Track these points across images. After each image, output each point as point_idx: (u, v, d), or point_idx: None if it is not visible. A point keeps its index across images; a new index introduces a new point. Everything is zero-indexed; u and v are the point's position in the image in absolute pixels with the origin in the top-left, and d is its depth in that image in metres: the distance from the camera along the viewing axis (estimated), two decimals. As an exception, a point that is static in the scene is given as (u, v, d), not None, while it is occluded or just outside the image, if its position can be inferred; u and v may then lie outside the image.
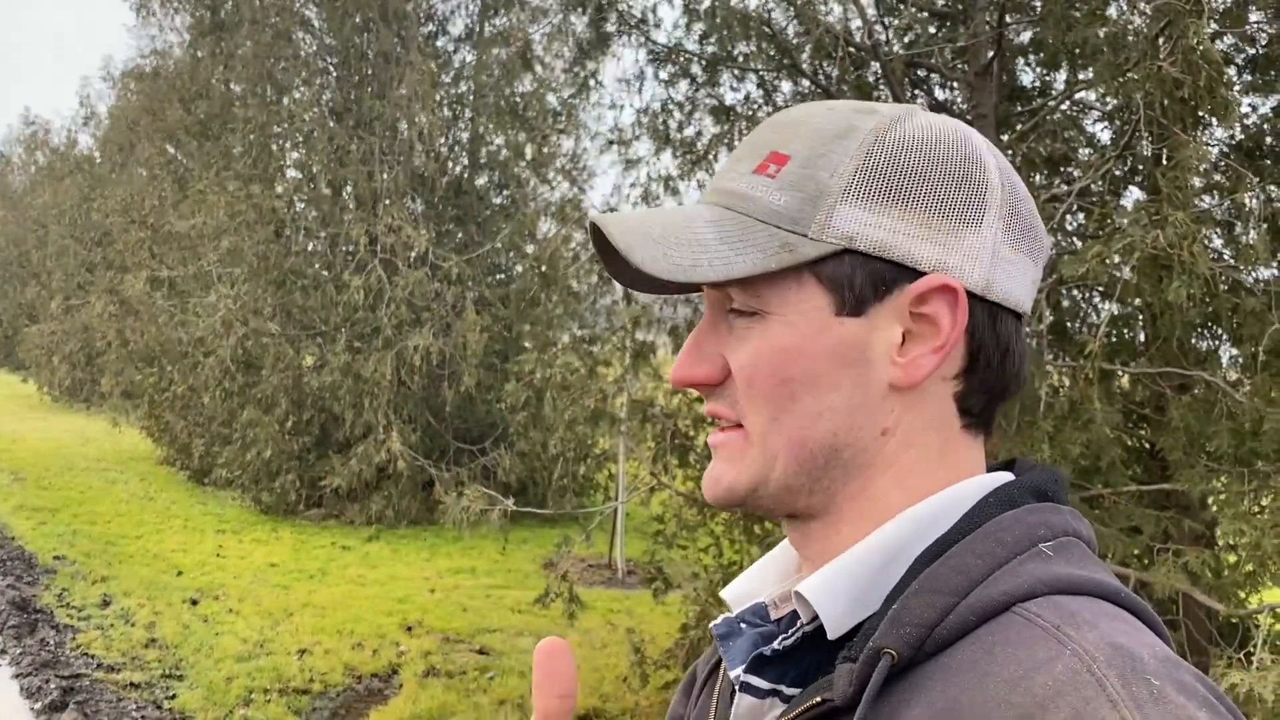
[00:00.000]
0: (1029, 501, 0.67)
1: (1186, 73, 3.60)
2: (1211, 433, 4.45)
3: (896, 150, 0.68)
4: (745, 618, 0.76)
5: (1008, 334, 0.70)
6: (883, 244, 0.67)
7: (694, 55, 5.98)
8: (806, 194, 0.68)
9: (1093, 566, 0.64)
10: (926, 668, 0.60)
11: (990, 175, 0.69)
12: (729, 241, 0.69)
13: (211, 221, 12.05)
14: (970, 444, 0.72)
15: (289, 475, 11.68)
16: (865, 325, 0.68)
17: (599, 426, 6.02)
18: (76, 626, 7.36)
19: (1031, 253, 0.71)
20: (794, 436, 0.70)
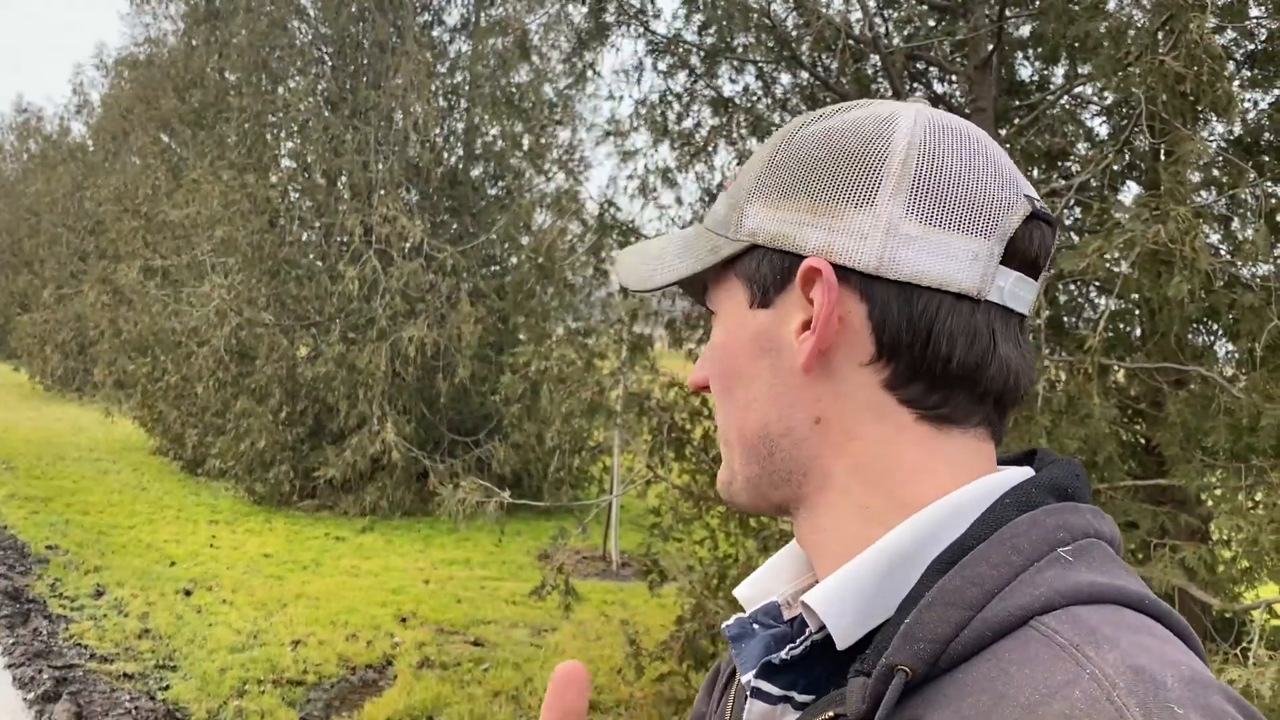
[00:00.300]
0: (1047, 501, 0.65)
1: (1188, 66, 3.59)
2: (1208, 428, 4.46)
3: (798, 145, 0.71)
4: (758, 618, 0.75)
5: (928, 315, 0.65)
6: (776, 235, 0.70)
7: (693, 46, 5.95)
8: (733, 199, 0.74)
9: (1115, 571, 0.62)
10: (941, 683, 0.58)
11: (893, 153, 0.67)
12: (680, 253, 0.78)
13: (205, 211, 12.01)
14: (940, 437, 0.68)
15: (283, 466, 11.65)
16: (775, 315, 0.70)
17: (595, 419, 6.00)
18: (69, 617, 7.34)
19: (958, 225, 0.65)
20: (737, 429, 0.74)
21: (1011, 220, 0.66)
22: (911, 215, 0.65)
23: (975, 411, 0.68)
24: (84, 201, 21.58)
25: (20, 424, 17.97)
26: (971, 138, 0.68)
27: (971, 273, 0.65)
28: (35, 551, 9.12)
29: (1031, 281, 0.69)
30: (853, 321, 0.67)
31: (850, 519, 0.69)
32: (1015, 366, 0.67)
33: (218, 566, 8.91)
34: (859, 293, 0.66)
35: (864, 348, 0.67)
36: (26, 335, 24.46)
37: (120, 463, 14.44)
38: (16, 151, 38.68)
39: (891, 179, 0.66)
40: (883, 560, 0.65)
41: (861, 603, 0.64)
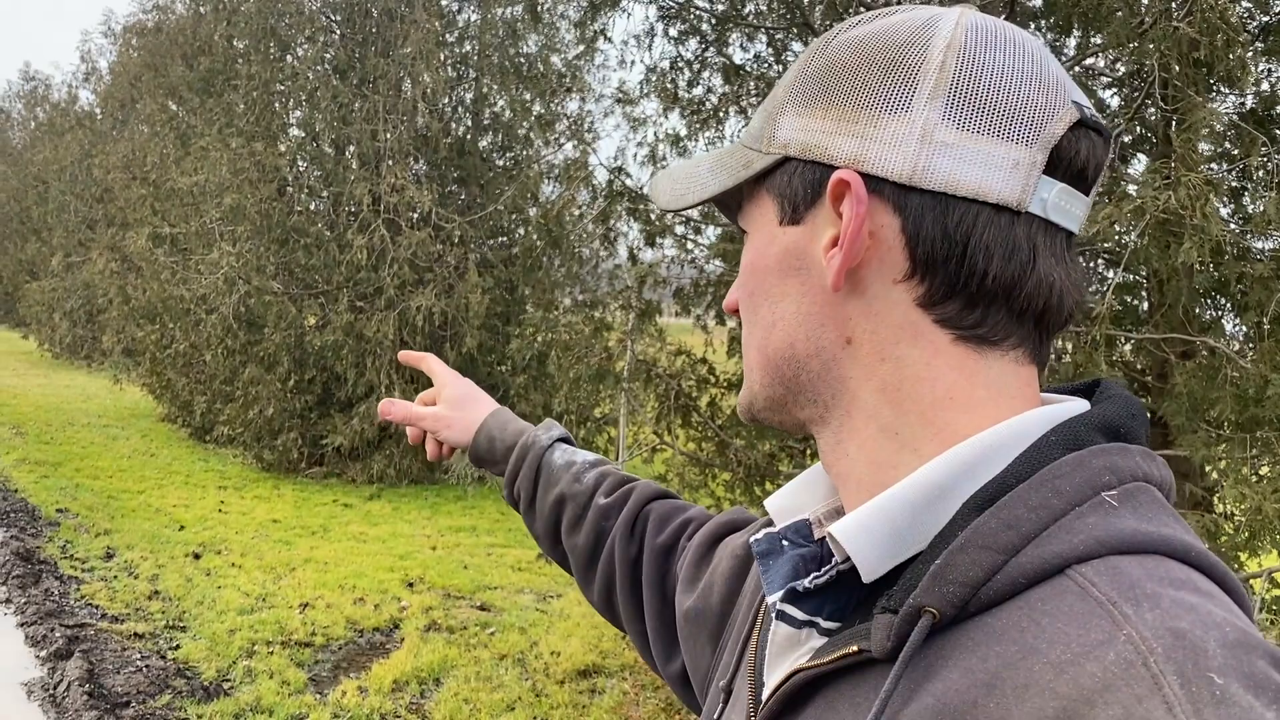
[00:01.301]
0: (1096, 440, 0.61)
1: (1203, 34, 3.58)
2: (1214, 399, 4.46)
3: (833, 51, 0.68)
4: (787, 535, 0.73)
5: (964, 226, 0.62)
6: (807, 146, 0.67)
7: (704, 12, 5.93)
8: (767, 112, 0.71)
9: (1163, 518, 0.58)
10: (968, 627, 0.56)
11: (930, 56, 0.63)
12: (713, 169, 0.75)
13: (214, 178, 12.00)
14: (978, 359, 0.64)
15: (291, 434, 11.71)
16: (806, 232, 0.68)
17: (603, 385, 6.02)
18: (80, 578, 7.41)
19: (1003, 133, 0.62)
20: (759, 348, 0.72)
21: (1056, 127, 0.62)
22: (948, 121, 0.62)
23: (1014, 331, 0.64)
24: (92, 169, 21.58)
25: (30, 391, 18.06)
26: (1016, 41, 0.65)
27: (1011, 182, 0.62)
28: (46, 514, 9.19)
29: (1080, 195, 0.65)
30: (885, 235, 0.64)
31: (880, 444, 0.66)
32: (1059, 285, 0.64)
33: (226, 531, 8.98)
34: (892, 204, 0.63)
35: (897, 263, 0.64)
36: (35, 303, 24.56)
37: (129, 429, 14.52)
38: (24, 119, 38.67)
39: (928, 84, 0.63)
40: (916, 493, 0.62)
41: (891, 537, 0.62)
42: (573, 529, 1.17)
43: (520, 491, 1.24)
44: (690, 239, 6.24)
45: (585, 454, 1.24)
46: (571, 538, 1.18)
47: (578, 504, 1.17)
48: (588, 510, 1.16)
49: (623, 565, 1.11)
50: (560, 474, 1.20)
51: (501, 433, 1.27)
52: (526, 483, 1.23)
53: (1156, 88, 3.93)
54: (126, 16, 31.70)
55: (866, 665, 0.61)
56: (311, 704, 5.47)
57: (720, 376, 6.10)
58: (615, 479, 1.19)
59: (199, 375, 13.05)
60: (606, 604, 1.15)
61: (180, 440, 13.87)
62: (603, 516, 1.15)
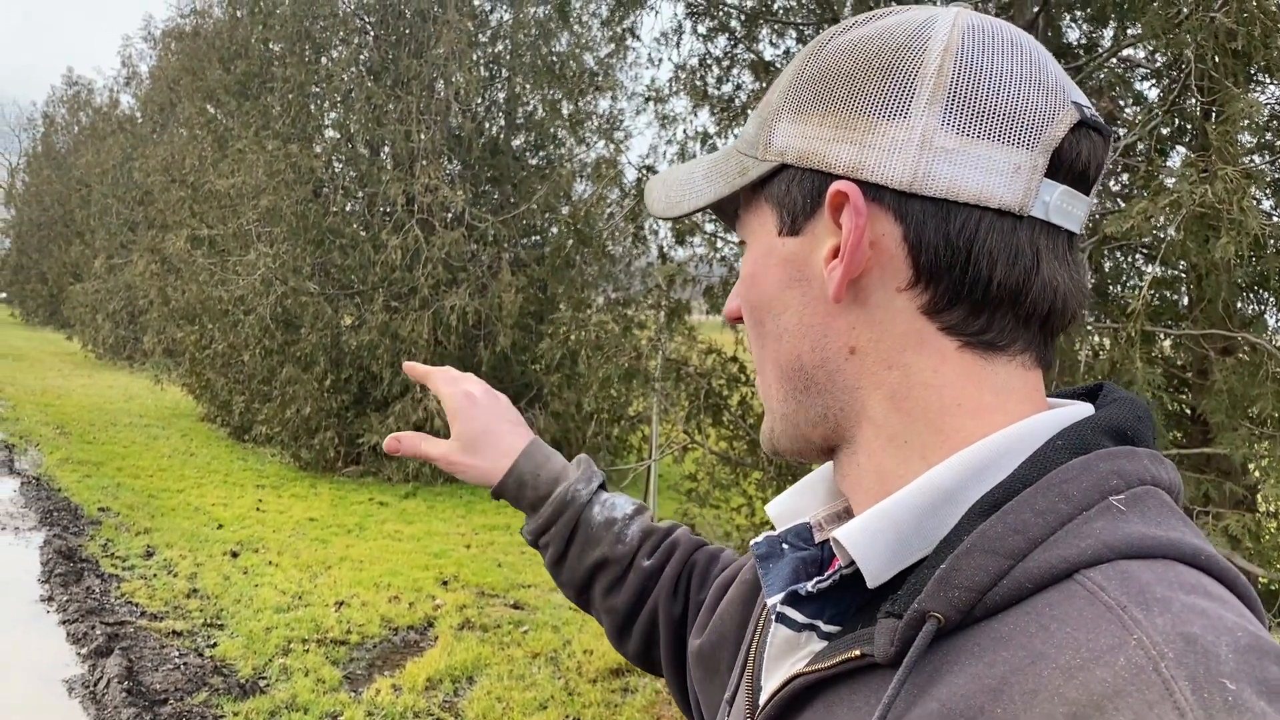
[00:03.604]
0: (1103, 444, 0.60)
1: (1240, 24, 3.51)
2: (1255, 396, 4.37)
3: (826, 57, 0.66)
4: (788, 538, 0.73)
5: (967, 233, 0.61)
6: (804, 153, 0.65)
7: (733, 9, 5.90)
8: (762, 117, 0.69)
9: (1172, 522, 0.57)
10: (974, 632, 0.55)
11: (927, 60, 0.62)
12: (708, 176, 0.73)
13: (251, 180, 12.13)
14: (984, 365, 0.63)
15: (328, 433, 11.82)
16: (804, 243, 0.67)
17: (633, 385, 6.02)
18: (121, 576, 7.52)
19: (1003, 137, 0.61)
20: (769, 362, 0.71)
21: (1056, 130, 0.61)
22: (947, 126, 0.61)
23: (1019, 336, 0.64)
24: (133, 172, 21.90)
25: (73, 391, 18.37)
26: (1014, 42, 0.64)
27: (1013, 186, 0.61)
28: (88, 513, 9.34)
29: (1082, 197, 0.64)
30: (886, 244, 0.63)
31: (888, 453, 0.65)
32: (1063, 288, 0.63)
33: (264, 530, 9.08)
34: (893, 212, 0.62)
35: (900, 272, 0.63)
36: (79, 305, 25.00)
37: (169, 429, 14.72)
38: (68, 124, 39.39)
39: (926, 88, 0.62)
40: (922, 498, 0.61)
41: (896, 542, 0.61)
42: (611, 590, 1.12)
43: (550, 544, 1.14)
44: (721, 237, 6.22)
45: (623, 503, 1.15)
46: (608, 599, 1.12)
47: (620, 566, 1.11)
48: (629, 572, 1.11)
49: (667, 624, 1.09)
50: (600, 534, 1.12)
51: (534, 479, 1.13)
52: (559, 539, 1.13)
53: (1194, 79, 3.86)
54: (165, 21, 32.14)
55: (868, 670, 0.60)
56: (346, 702, 5.51)
57: (751, 375, 6.08)
58: (657, 537, 1.13)
59: (237, 375, 13.20)
60: (645, 658, 1.13)
61: (219, 440, 14.05)
62: (647, 578, 1.11)
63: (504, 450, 1.14)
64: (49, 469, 11.26)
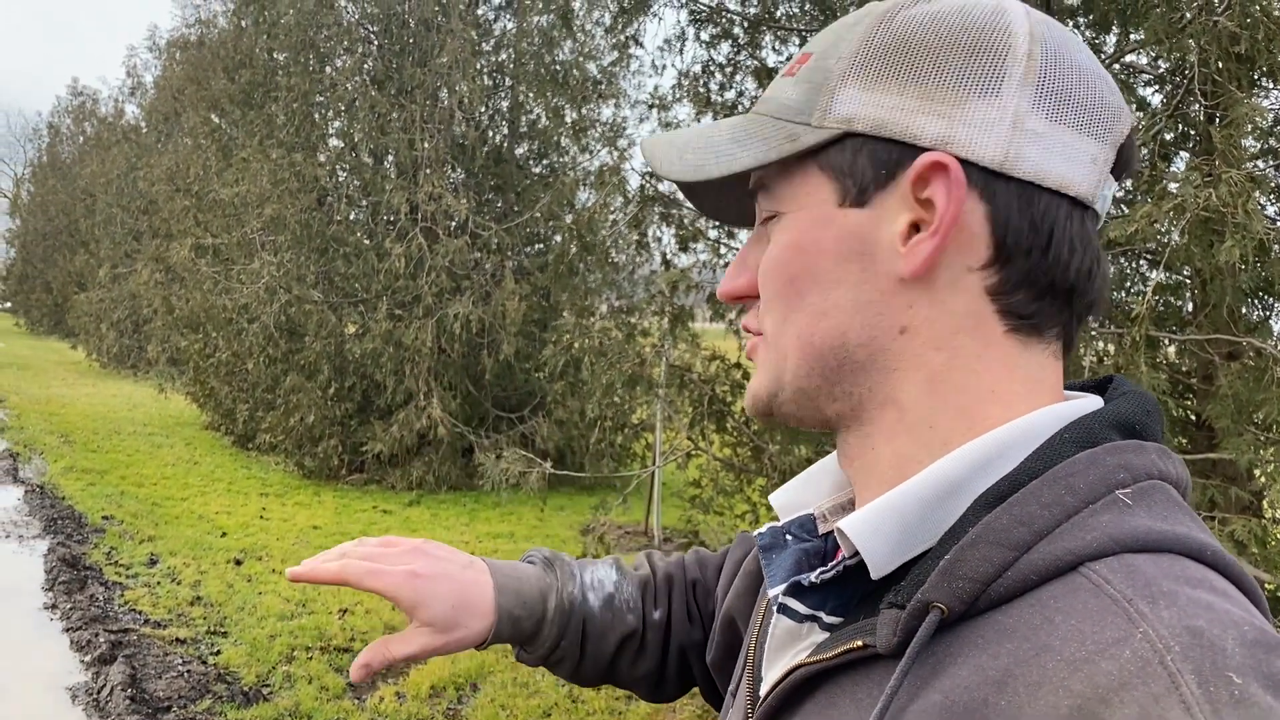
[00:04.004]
0: (1111, 438, 0.60)
1: (1243, 28, 3.50)
2: (1260, 401, 4.36)
3: (902, 27, 0.64)
4: (791, 529, 0.73)
5: (1049, 217, 0.61)
6: (880, 122, 0.63)
7: (736, 15, 5.92)
8: (814, 84, 0.66)
9: (1178, 517, 0.57)
10: (978, 624, 0.55)
11: (1016, 42, 0.62)
12: (738, 140, 0.69)
13: (255, 189, 12.16)
14: (1022, 352, 0.64)
15: (331, 441, 11.82)
16: (871, 215, 0.64)
17: (636, 392, 6.02)
18: (124, 584, 7.52)
19: (1081, 125, 0.62)
20: (802, 335, 0.67)
21: (1123, 127, 0.63)
22: (1038, 110, 0.61)
23: (1059, 321, 0.64)
24: (137, 181, 21.98)
25: (78, 400, 18.40)
26: (1079, 42, 0.65)
27: (1090, 177, 0.62)
28: (92, 521, 9.34)
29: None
30: (969, 222, 0.62)
31: (910, 438, 0.65)
32: (1107, 277, 0.66)
33: (268, 538, 9.08)
34: (979, 190, 0.62)
35: (978, 251, 0.62)
36: (83, 314, 25.07)
37: (173, 437, 14.74)
38: (73, 134, 39.52)
39: (1018, 69, 0.61)
40: (928, 489, 0.61)
41: (901, 533, 0.61)
42: (636, 660, 1.08)
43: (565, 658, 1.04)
44: (724, 243, 6.22)
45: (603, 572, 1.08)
46: (635, 669, 1.08)
47: (638, 634, 1.07)
48: (646, 633, 1.07)
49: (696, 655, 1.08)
50: (607, 616, 1.05)
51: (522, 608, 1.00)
52: (573, 647, 1.04)
53: (1197, 84, 3.85)
54: (170, 31, 32.27)
55: (870, 661, 0.60)
56: (350, 709, 5.50)
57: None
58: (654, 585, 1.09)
59: (241, 384, 13.22)
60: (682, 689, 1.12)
61: (223, 448, 14.06)
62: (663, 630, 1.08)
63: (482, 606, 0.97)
64: (53, 477, 11.27)
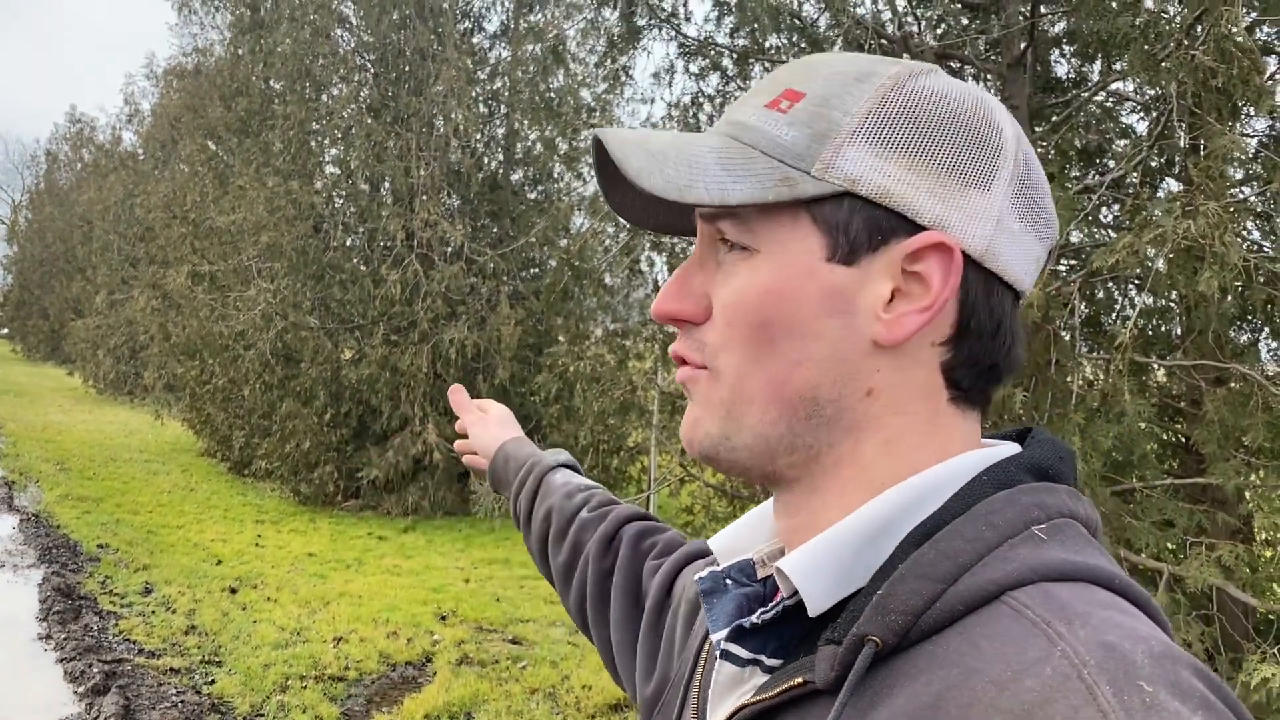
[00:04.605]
0: (1026, 480, 0.64)
1: (1221, 61, 3.56)
2: (1247, 426, 4.40)
3: (914, 99, 0.66)
4: (731, 574, 0.74)
5: (1002, 308, 0.67)
6: (886, 191, 0.64)
7: (725, 48, 5.99)
8: (816, 131, 0.66)
9: (1088, 550, 0.61)
10: (911, 654, 0.58)
11: (1006, 141, 0.66)
12: (729, 168, 0.67)
13: (251, 217, 12.22)
14: (960, 419, 0.68)
15: (327, 467, 11.83)
16: (856, 275, 0.65)
17: (629, 418, 6.04)
18: (119, 613, 7.51)
19: (1037, 230, 0.68)
20: (773, 381, 0.67)
21: (1054, 233, 0.70)
22: (1014, 210, 0.66)
23: (986, 393, 0.70)
24: (134, 209, 22.05)
25: (74, 426, 18.38)
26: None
27: (1032, 276, 0.69)
28: (87, 550, 9.33)
29: None
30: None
31: (858, 493, 0.67)
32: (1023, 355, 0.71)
33: (263, 565, 9.07)
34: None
35: (944, 329, 0.66)
36: (80, 340, 25.07)
37: (169, 464, 14.72)
38: (70, 161, 39.66)
39: (1008, 168, 0.66)
40: (860, 530, 0.64)
41: (837, 571, 0.64)
42: (556, 541, 1.24)
43: (521, 505, 1.32)
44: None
45: (585, 479, 1.32)
46: (555, 548, 1.24)
47: (563, 518, 1.24)
48: (571, 524, 1.22)
49: (595, 578, 1.15)
50: (555, 491, 1.28)
51: (516, 453, 1.38)
52: (526, 498, 1.31)
53: (1176, 115, 3.91)
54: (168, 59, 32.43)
55: (811, 697, 0.62)
56: (343, 739, 5.49)
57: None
58: (601, 498, 1.26)
59: (237, 410, 13.23)
60: (580, 614, 1.20)
61: (219, 474, 14.05)
62: (582, 529, 1.21)
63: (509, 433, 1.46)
64: (48, 505, 11.25)
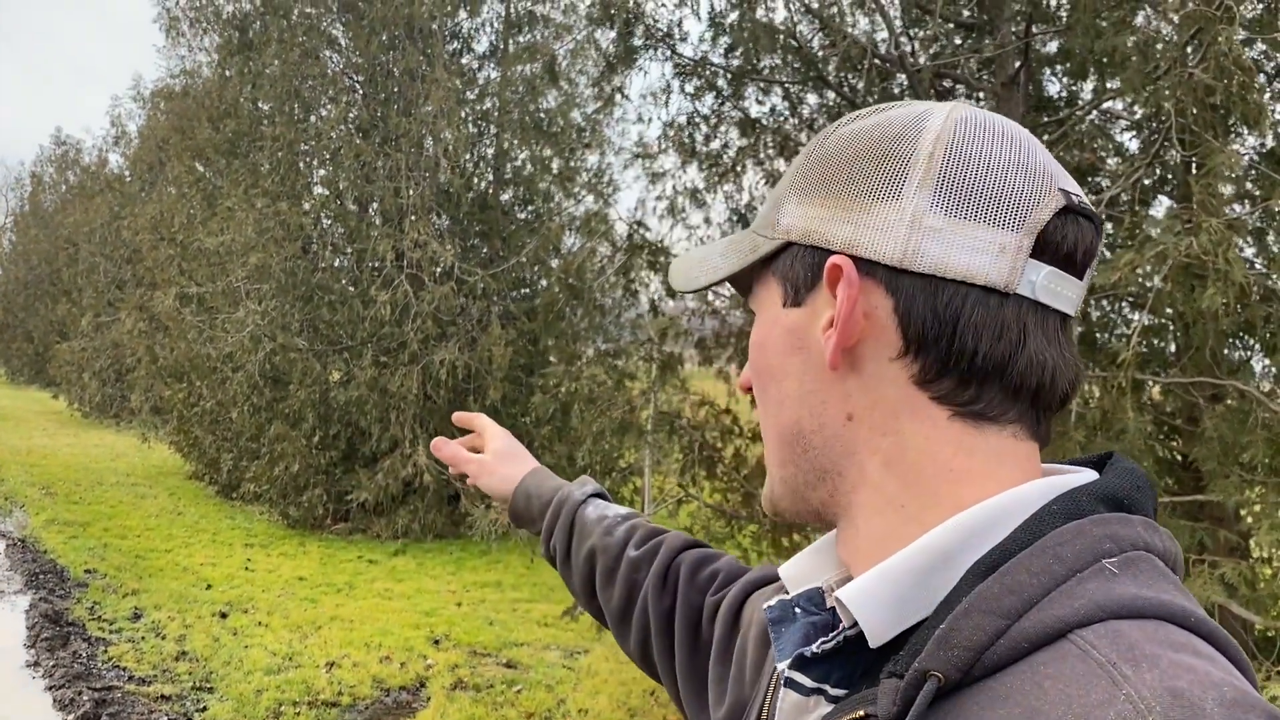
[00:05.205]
0: (1098, 510, 0.62)
1: (1218, 79, 3.58)
2: (1245, 443, 4.40)
3: (830, 144, 0.72)
4: (800, 603, 0.74)
5: (953, 307, 0.64)
6: (807, 232, 0.70)
7: (720, 68, 6.00)
8: (774, 198, 0.75)
9: (1162, 585, 0.59)
10: (973, 691, 0.57)
11: (920, 147, 0.66)
12: (724, 253, 0.79)
13: (240, 238, 12.17)
14: (976, 434, 0.66)
15: (316, 490, 11.74)
16: (806, 314, 0.71)
17: (626, 438, 6.01)
18: (108, 639, 7.42)
19: (982, 217, 0.64)
20: (771, 427, 0.74)
21: (1041, 214, 0.64)
22: (936, 208, 0.64)
23: (1011, 408, 0.66)
24: (121, 231, 21.96)
25: (59, 450, 18.22)
26: (1004, 132, 0.67)
27: (998, 265, 0.64)
28: (74, 575, 9.23)
29: (1072, 279, 0.66)
30: (879, 316, 0.66)
31: (886, 517, 0.67)
32: (1051, 364, 0.65)
33: (253, 589, 8.98)
34: (884, 286, 0.66)
35: (891, 342, 0.66)
36: (65, 363, 24.88)
37: (157, 488, 14.60)
38: (55, 183, 39.50)
39: (917, 172, 0.65)
40: (921, 559, 0.63)
41: (897, 602, 0.63)
42: (606, 583, 1.19)
43: (556, 546, 1.27)
44: (713, 290, 6.26)
45: (618, 508, 1.27)
46: (605, 592, 1.19)
47: (609, 557, 1.19)
48: (619, 564, 1.18)
49: (657, 618, 1.12)
50: (592, 528, 1.23)
51: (538, 489, 1.31)
52: (561, 538, 1.26)
53: (1174, 132, 3.93)
54: (155, 81, 32.42)
55: None
56: (338, 766, 5.42)
57: (745, 427, 6.08)
58: (645, 531, 1.21)
59: (225, 433, 13.13)
60: (643, 657, 1.17)
61: (207, 498, 13.93)
62: (634, 569, 1.16)
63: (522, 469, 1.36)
64: (35, 530, 11.13)
